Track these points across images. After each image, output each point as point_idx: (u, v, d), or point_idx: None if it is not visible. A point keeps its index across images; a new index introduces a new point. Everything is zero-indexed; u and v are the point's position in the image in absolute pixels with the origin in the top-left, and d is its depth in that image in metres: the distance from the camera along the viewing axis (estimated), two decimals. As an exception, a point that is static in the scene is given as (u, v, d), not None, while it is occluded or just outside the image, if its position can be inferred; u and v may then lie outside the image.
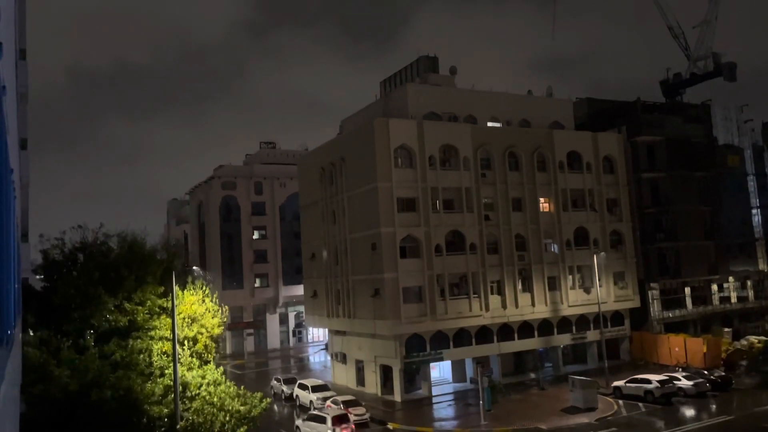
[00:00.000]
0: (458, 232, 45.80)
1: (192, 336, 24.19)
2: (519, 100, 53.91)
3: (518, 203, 48.85)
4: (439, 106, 49.23)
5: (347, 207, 48.04)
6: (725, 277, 58.46)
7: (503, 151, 48.62)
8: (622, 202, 53.76)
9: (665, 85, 70.12)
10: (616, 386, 40.83)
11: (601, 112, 59.01)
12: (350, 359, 49.49)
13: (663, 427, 33.36)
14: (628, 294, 52.77)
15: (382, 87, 57.78)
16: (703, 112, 60.37)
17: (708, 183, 58.28)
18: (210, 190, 78.86)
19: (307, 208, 55.72)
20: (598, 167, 52.88)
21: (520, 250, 48.14)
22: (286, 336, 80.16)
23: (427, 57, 54.33)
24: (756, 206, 61.57)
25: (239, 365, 64.82)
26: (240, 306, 75.68)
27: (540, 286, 48.32)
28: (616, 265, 52.28)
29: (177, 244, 79.47)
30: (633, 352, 52.67)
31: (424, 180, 44.97)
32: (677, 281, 55.63)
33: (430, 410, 40.58)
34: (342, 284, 48.68)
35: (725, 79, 67.35)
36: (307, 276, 56.11)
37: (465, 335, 45.41)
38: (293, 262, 76.68)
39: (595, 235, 51.63)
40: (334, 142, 52.37)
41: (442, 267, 44.50)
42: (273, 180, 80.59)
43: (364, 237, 45.49)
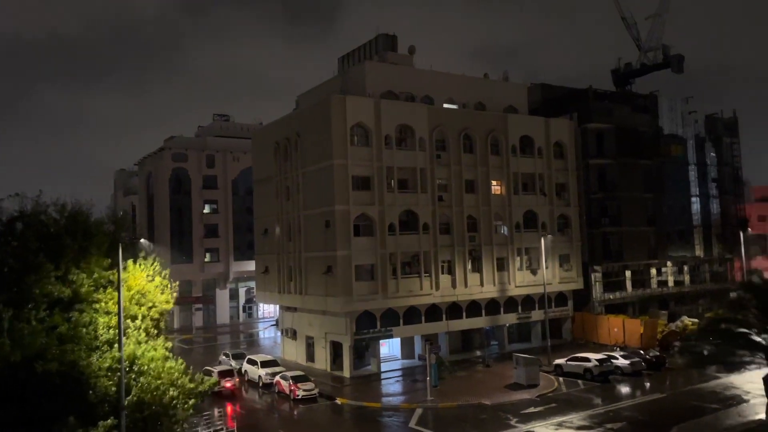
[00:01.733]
0: (412, 212, 46.27)
1: (141, 312, 23.77)
2: (475, 83, 54.42)
3: (471, 185, 49.62)
4: (396, 86, 49.23)
5: (302, 183, 47.76)
6: (664, 262, 61.20)
7: (458, 133, 49.15)
8: (570, 187, 55.30)
9: (616, 74, 72.07)
10: (557, 364, 42.45)
11: (554, 99, 60.24)
12: (300, 335, 49.67)
13: (600, 403, 34.99)
14: (572, 276, 54.63)
15: (340, 63, 57.25)
16: (650, 102, 62.42)
17: (652, 171, 60.56)
18: (160, 162, 76.86)
19: (261, 183, 55.10)
20: (549, 152, 54.13)
21: (472, 232, 49.06)
22: (236, 311, 79.63)
23: (386, 35, 54.00)
24: (695, 195, 64.39)
25: (187, 340, 64.13)
26: (189, 280, 74.59)
27: (489, 266, 49.47)
28: (562, 248, 53.96)
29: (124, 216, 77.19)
30: (575, 332, 54.76)
31: (380, 159, 45.09)
32: (619, 265, 57.92)
33: (379, 386, 41.29)
34: (294, 261, 48.59)
35: (673, 71, 69.75)
36: (259, 252, 55.70)
37: (415, 313, 46.19)
38: (245, 238, 75.93)
39: (544, 219, 53.04)
40: (290, 117, 51.75)
41: (395, 246, 44.95)
42: (226, 153, 79.16)
43: (318, 214, 45.42)
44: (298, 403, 36.90)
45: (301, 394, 37.04)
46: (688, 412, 32.23)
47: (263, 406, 37.65)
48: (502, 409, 34.19)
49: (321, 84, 53.59)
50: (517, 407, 34.38)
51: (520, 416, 32.60)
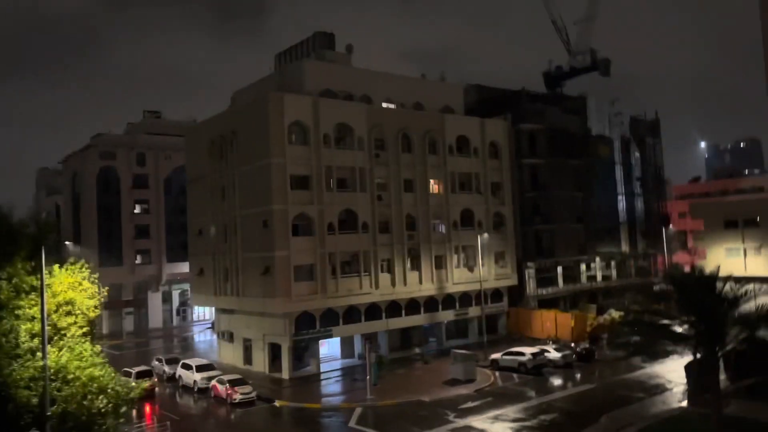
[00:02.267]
0: (351, 211, 46.17)
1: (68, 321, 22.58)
2: (413, 83, 54.91)
3: (410, 184, 50.03)
4: (335, 84, 48.98)
5: (238, 182, 46.76)
6: (593, 258, 63.79)
7: (397, 132, 49.43)
8: (505, 186, 56.71)
9: (548, 77, 74.44)
10: (493, 359, 43.46)
11: (489, 100, 61.60)
12: (237, 338, 48.65)
13: (534, 396, 36.07)
14: (507, 272, 56.06)
15: (277, 61, 56.44)
16: (579, 104, 64.86)
17: (581, 170, 62.95)
18: (86, 160, 73.43)
19: (195, 183, 53.57)
20: (484, 152, 55.28)
21: (410, 230, 49.47)
22: (169, 315, 77.09)
23: (324, 33, 53.69)
24: (621, 193, 67.40)
25: (117, 345, 61.58)
26: (119, 284, 71.61)
27: (427, 264, 50.04)
28: (497, 246, 55.26)
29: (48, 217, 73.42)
30: (510, 327, 56.24)
31: (318, 158, 44.75)
32: (551, 261, 59.93)
33: (318, 386, 41.01)
34: (231, 261, 47.52)
35: (600, 74, 72.76)
36: (194, 253, 54.16)
37: (355, 312, 46.14)
38: (178, 238, 73.41)
39: (480, 217, 54.16)
40: (226, 114, 50.58)
41: (335, 245, 44.74)
42: (157, 151, 76.46)
43: (255, 214, 44.59)
44: (236, 407, 36.11)
45: (238, 398, 36.28)
46: (616, 402, 33.70)
47: (199, 412, 36.64)
48: (440, 404, 34.66)
49: (257, 81, 52.63)
50: (455, 402, 34.94)
51: (458, 411, 33.15)
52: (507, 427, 30.25)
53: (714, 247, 62.25)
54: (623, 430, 28.28)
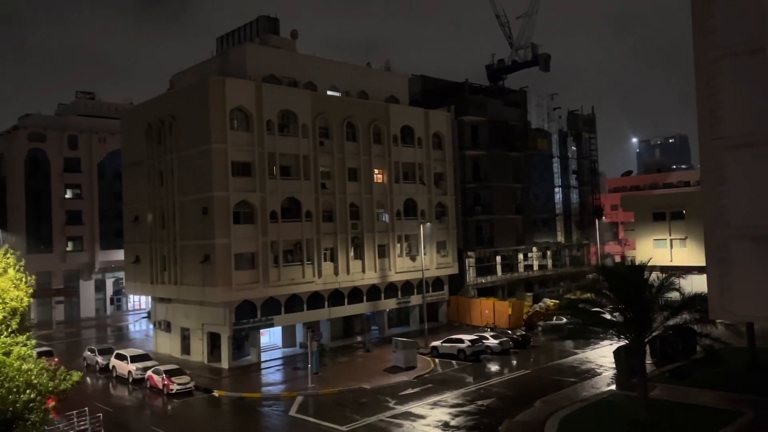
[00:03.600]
0: (295, 199, 45.77)
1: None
2: (358, 72, 54.73)
3: (354, 173, 50.00)
4: (279, 70, 48.22)
5: (177, 168, 45.47)
6: (530, 248, 65.73)
7: (342, 120, 49.23)
8: (447, 177, 57.52)
9: (490, 70, 75.74)
10: (433, 346, 44.25)
11: (433, 90, 62.19)
12: (175, 327, 47.53)
13: (472, 381, 36.98)
14: (448, 262, 57.03)
15: (219, 44, 55.00)
16: (520, 98, 66.39)
17: (521, 163, 64.60)
18: (13, 142, 69.56)
19: (131, 167, 51.73)
20: (428, 142, 55.84)
21: (354, 219, 49.53)
22: (102, 304, 74.45)
23: (268, 17, 52.65)
24: (558, 185, 69.62)
25: (46, 336, 59.01)
26: (48, 271, 68.55)
27: (371, 253, 50.27)
28: (439, 235, 56.10)
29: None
30: (450, 315, 57.36)
31: (261, 144, 44.05)
32: (490, 250, 61.38)
33: (258, 376, 40.65)
34: (168, 249, 46.28)
35: (540, 69, 74.58)
36: (129, 240, 52.40)
37: (297, 301, 45.90)
38: (113, 225, 70.83)
39: (423, 207, 54.79)
40: (164, 97, 48.98)
41: (277, 233, 44.27)
42: (91, 134, 73.29)
43: (194, 200, 43.52)
44: (173, 397, 35.33)
45: (175, 389, 35.51)
46: (550, 386, 35.00)
47: (134, 404, 35.64)
48: (381, 392, 35.05)
49: (198, 64, 51.18)
50: (396, 389, 35.41)
51: (399, 398, 33.61)
52: (445, 412, 30.93)
53: (643, 239, 65.24)
54: (556, 413, 29.42)
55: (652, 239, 64.22)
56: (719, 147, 21.07)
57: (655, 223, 64.43)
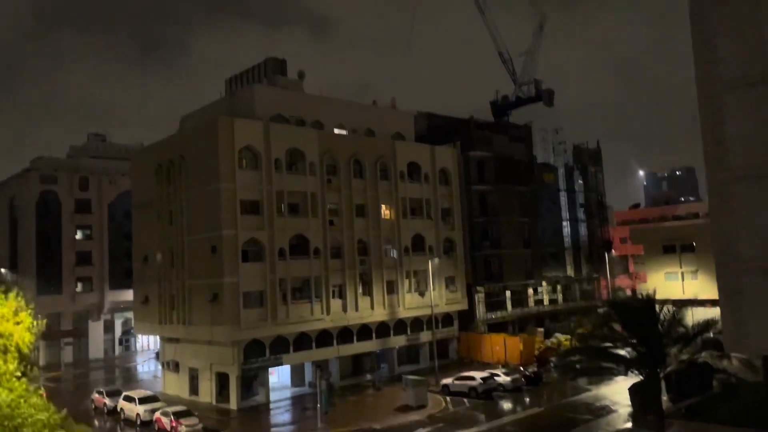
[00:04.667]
0: (303, 237, 45.89)
1: None
2: (364, 110, 55.51)
3: (361, 210, 50.21)
4: (286, 109, 48.99)
5: (186, 207, 45.85)
6: (539, 282, 65.23)
7: (349, 158, 49.70)
8: (454, 212, 57.62)
9: (494, 106, 76.62)
10: (444, 384, 43.58)
11: (438, 127, 62.81)
12: (183, 367, 47.15)
13: (484, 420, 36.30)
14: (457, 297, 56.63)
15: (228, 86, 56.10)
16: (525, 133, 66.91)
17: (527, 197, 64.68)
18: (25, 184, 70.52)
19: (141, 208, 52.20)
20: (434, 178, 56.15)
21: (362, 255, 49.50)
22: (111, 345, 74.07)
23: (275, 59, 53.80)
24: (566, 219, 69.48)
25: (54, 378, 58.63)
26: (58, 313, 68.50)
27: (379, 290, 50.05)
28: (448, 270, 55.85)
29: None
30: (460, 351, 56.62)
31: (270, 183, 44.45)
32: (499, 285, 60.94)
33: (267, 416, 40.09)
34: (177, 289, 46.28)
35: (544, 104, 75.43)
36: (138, 280, 52.49)
37: (305, 339, 45.55)
38: (122, 265, 70.89)
39: (431, 242, 54.73)
40: (174, 138, 49.74)
41: (286, 271, 44.26)
42: (102, 175, 74.19)
43: (203, 239, 43.73)
44: (181, 439, 34.82)
45: (183, 431, 35.05)
46: (564, 424, 34.27)
47: (142, 446, 35.14)
48: (392, 431, 34.40)
49: (207, 105, 52.12)
50: (407, 429, 34.77)
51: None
52: (458, 452, 30.25)
53: (654, 272, 64.62)
54: (571, 452, 28.71)
55: (663, 272, 63.57)
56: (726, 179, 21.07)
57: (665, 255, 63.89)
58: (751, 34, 20.84)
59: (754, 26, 20.84)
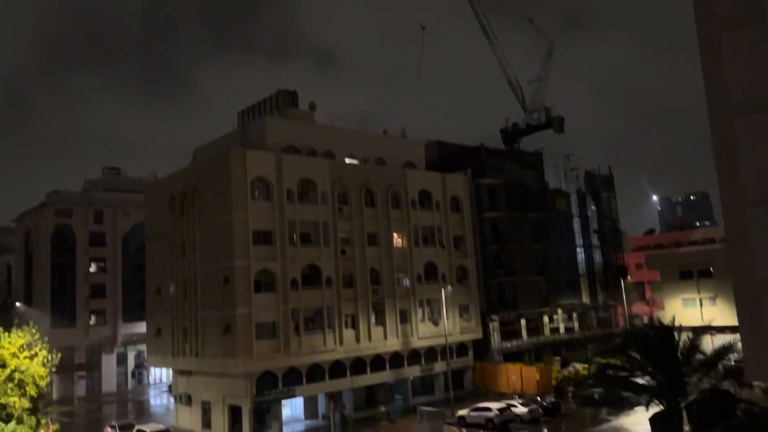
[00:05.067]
0: (315, 266, 45.82)
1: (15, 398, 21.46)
2: (375, 139, 55.91)
3: (373, 238, 50.15)
4: (298, 140, 49.48)
5: (199, 239, 46.07)
6: (555, 310, 64.38)
7: (360, 187, 49.88)
8: (467, 239, 57.35)
9: (505, 133, 76.77)
10: (460, 416, 42.78)
11: (449, 155, 63.01)
12: (196, 401, 46.78)
13: (502, 452, 35.43)
14: (471, 326, 55.97)
15: (240, 118, 56.89)
16: (536, 160, 66.88)
17: (540, 223, 64.32)
18: (41, 218, 71.40)
19: (154, 239, 52.54)
20: (446, 206, 56.09)
21: (375, 284, 49.25)
22: (124, 378, 73.80)
23: (287, 91, 54.61)
24: (580, 245, 68.89)
25: (68, 412, 58.39)
26: (71, 346, 68.56)
27: (392, 319, 49.64)
28: (461, 299, 55.35)
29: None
30: (476, 382, 55.70)
31: (282, 213, 44.63)
32: (514, 313, 60.21)
33: (281, 450, 39.45)
34: (190, 320, 46.20)
35: (555, 131, 75.41)
36: (151, 312, 52.53)
37: (318, 370, 45.10)
38: (135, 297, 71.15)
39: (443, 270, 54.39)
40: (187, 170, 50.25)
41: (298, 301, 44.10)
42: (116, 208, 74.94)
43: (216, 270, 43.79)
44: (194, 474, 34.36)
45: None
46: (584, 456, 33.35)
47: (154, 481, 34.64)
48: (407, 465, 33.71)
49: (220, 137, 52.76)
50: (423, 462, 34.03)
51: (426, 472, 32.24)
52: (475, 486, 29.50)
53: (671, 298, 63.59)
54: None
55: (680, 298, 62.56)
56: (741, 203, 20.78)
57: (682, 281, 62.95)
58: (761, 57, 20.78)
59: (763, 49, 20.78)
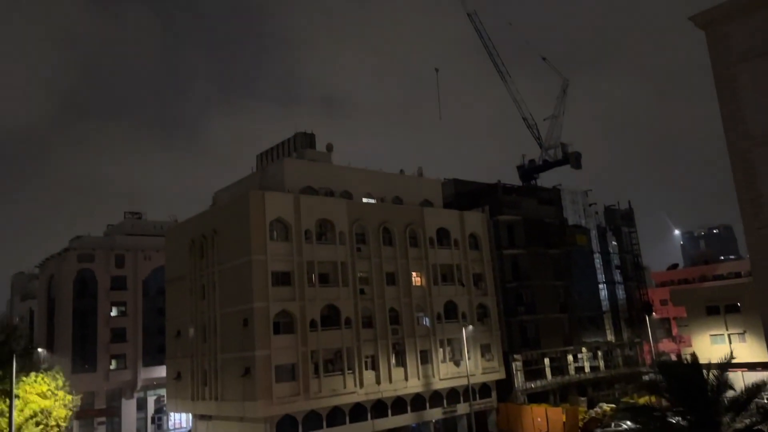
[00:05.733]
0: (333, 306, 45.60)
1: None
2: (392, 178, 56.23)
3: (392, 277, 49.91)
4: (315, 181, 49.95)
5: (218, 281, 46.25)
6: (579, 348, 62.96)
7: (377, 226, 49.96)
8: (486, 277, 56.79)
9: (521, 170, 76.84)
10: (485, 459, 41.59)
11: (466, 193, 63.08)
12: (216, 445, 46.15)
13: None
14: (494, 366, 54.88)
15: (259, 160, 57.76)
16: (554, 195, 66.59)
17: (560, 260, 63.56)
18: (63, 263, 72.33)
19: (174, 282, 52.85)
20: (464, 243, 55.81)
21: (394, 324, 48.77)
22: (143, 424, 73.16)
23: (304, 133, 55.45)
24: (602, 281, 67.78)
25: (87, 459, 57.85)
26: (91, 391, 68.41)
27: (413, 359, 48.92)
28: (482, 338, 54.47)
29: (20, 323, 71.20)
30: (500, 424, 54.27)
31: (300, 253, 44.75)
32: (537, 352, 58.97)
33: (302, 497, 38.54)
34: (209, 363, 45.99)
35: (572, 167, 75.35)
36: (171, 356, 52.44)
37: (339, 414, 44.35)
38: (156, 341, 71.20)
39: (463, 309, 53.75)
40: (207, 213, 50.88)
41: (317, 342, 43.76)
42: (137, 252, 75.75)
43: (235, 312, 43.78)
44: None
45: None
46: (615, 501, 32.06)
47: None
48: None
49: (239, 180, 53.52)
50: None
51: None
52: None
53: (698, 334, 61.94)
54: None
55: (707, 335, 60.92)
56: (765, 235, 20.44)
57: (709, 317, 61.39)
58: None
59: (779, 81, 20.76)
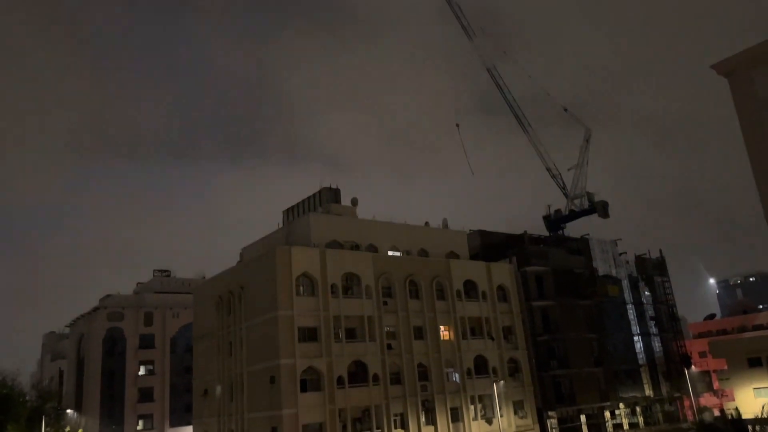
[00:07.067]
0: (361, 363, 44.83)
1: None
2: (417, 231, 56.16)
3: (419, 331, 49.10)
4: (341, 235, 50.13)
5: (245, 337, 46.01)
6: (616, 404, 60.42)
7: (404, 279, 49.59)
8: (516, 330, 55.50)
9: (548, 220, 76.06)
10: None
11: (492, 244, 62.46)
12: None
13: None
14: (528, 424, 52.85)
15: (285, 216, 58.36)
16: (582, 245, 65.55)
17: (592, 311, 61.92)
18: (93, 322, 73.11)
19: (202, 340, 52.74)
20: (492, 296, 54.89)
21: (423, 380, 47.61)
22: (169, 485, 71.77)
23: (329, 188, 56.06)
24: (637, 333, 65.63)
25: None
26: (118, 453, 67.71)
27: (443, 418, 47.43)
28: (515, 394, 52.75)
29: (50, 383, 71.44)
30: (537, 485, 51.77)
31: (327, 308, 44.47)
32: (573, 409, 56.74)
33: None
34: (236, 423, 45.19)
35: (599, 216, 74.32)
36: (198, 415, 51.73)
37: (368, 475, 42.89)
38: (183, 399, 70.63)
39: (494, 363, 52.34)
40: (234, 270, 51.18)
41: (345, 400, 42.82)
42: (165, 310, 76.32)
43: (262, 369, 43.29)
44: None
45: None
46: None
47: None
48: None
49: (265, 236, 53.99)
50: None
51: None
52: None
53: (741, 387, 58.97)
54: None
55: (751, 388, 57.95)
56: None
57: (751, 369, 58.55)
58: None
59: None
